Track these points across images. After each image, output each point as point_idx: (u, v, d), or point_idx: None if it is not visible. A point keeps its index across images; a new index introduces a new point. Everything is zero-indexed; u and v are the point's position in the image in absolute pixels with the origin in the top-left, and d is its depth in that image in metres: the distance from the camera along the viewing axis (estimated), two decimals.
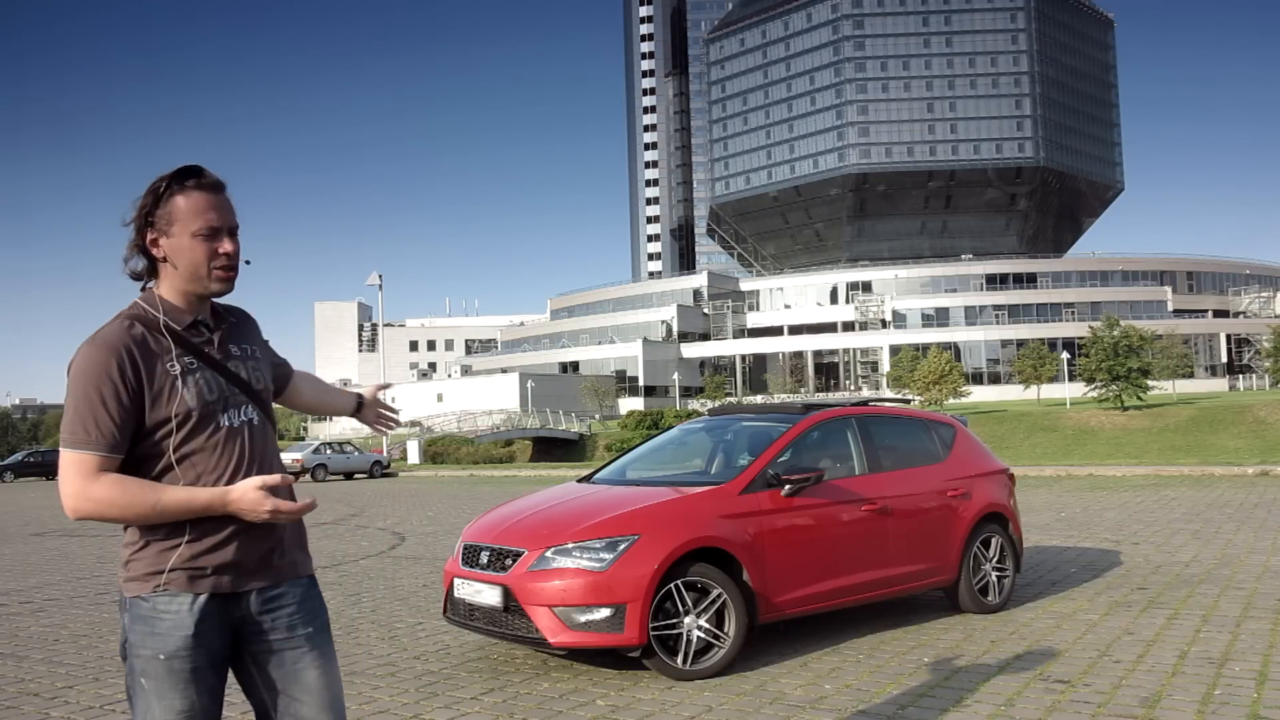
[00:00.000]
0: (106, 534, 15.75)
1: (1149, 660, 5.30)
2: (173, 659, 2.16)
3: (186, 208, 2.19)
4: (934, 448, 7.09)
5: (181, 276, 2.23)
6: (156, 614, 2.18)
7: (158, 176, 2.23)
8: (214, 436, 2.23)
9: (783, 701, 4.80)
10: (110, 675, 5.78)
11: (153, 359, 2.18)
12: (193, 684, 2.18)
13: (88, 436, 2.11)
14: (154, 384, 2.17)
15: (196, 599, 2.19)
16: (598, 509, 5.74)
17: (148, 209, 2.20)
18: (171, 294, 2.26)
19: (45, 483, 46.64)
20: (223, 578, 2.22)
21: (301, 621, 2.32)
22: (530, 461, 53.54)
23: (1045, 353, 68.56)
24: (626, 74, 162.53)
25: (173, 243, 2.20)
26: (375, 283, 46.59)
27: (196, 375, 2.22)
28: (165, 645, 2.17)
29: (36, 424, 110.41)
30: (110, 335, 2.18)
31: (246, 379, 2.31)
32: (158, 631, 2.17)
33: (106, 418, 2.12)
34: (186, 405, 2.19)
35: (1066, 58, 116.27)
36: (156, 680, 2.17)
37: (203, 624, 2.19)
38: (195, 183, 2.21)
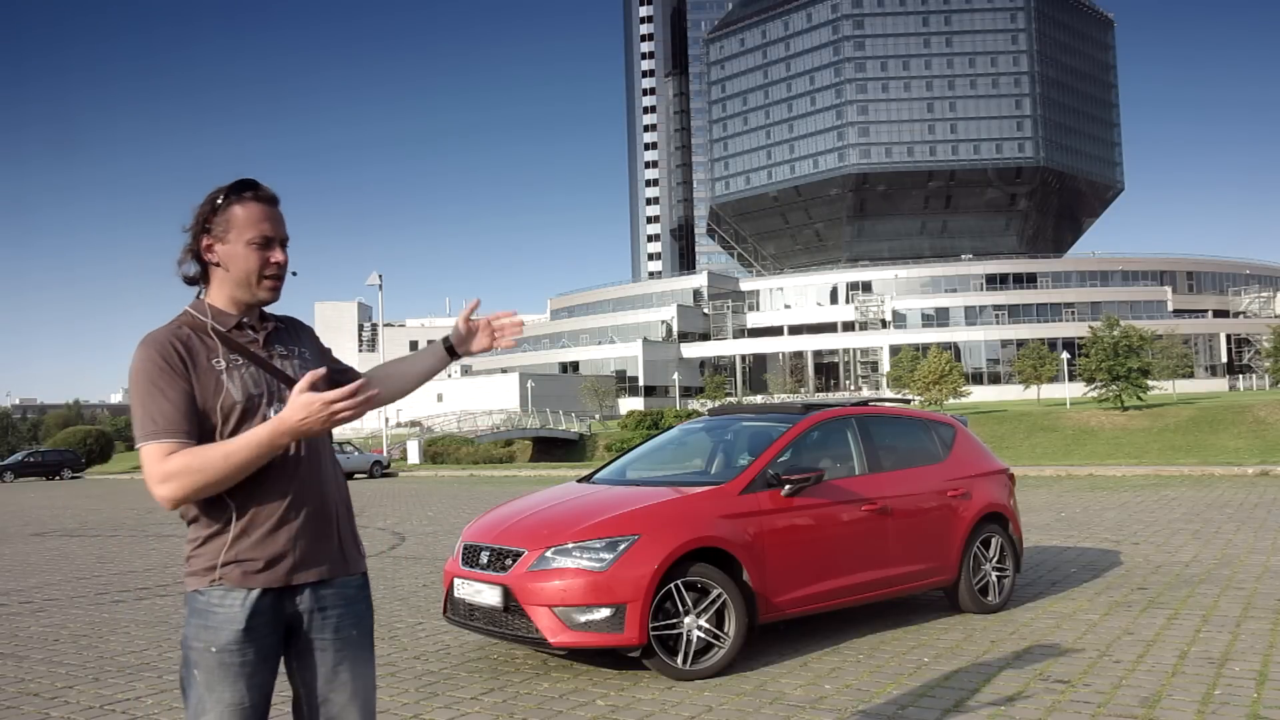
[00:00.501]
0: (107, 534, 15.76)
1: (1149, 660, 5.30)
2: (224, 652, 2.23)
3: (244, 217, 2.30)
4: (934, 448, 7.09)
5: (232, 282, 2.33)
6: (210, 608, 2.25)
7: (216, 187, 2.33)
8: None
9: (783, 701, 4.80)
10: (110, 675, 5.79)
11: (199, 355, 2.28)
12: (242, 678, 2.24)
13: (156, 427, 2.19)
14: (201, 378, 2.26)
15: (249, 594, 2.25)
16: (598, 509, 5.74)
17: (205, 216, 2.31)
18: (221, 299, 2.35)
19: (45, 483, 46.63)
20: (276, 570, 2.28)
21: (348, 623, 2.38)
22: (530, 461, 53.53)
23: (1045, 353, 68.55)
24: (626, 74, 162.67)
25: (228, 249, 2.31)
26: (375, 283, 46.61)
27: (241, 370, 2.30)
28: (217, 639, 2.23)
29: (36, 424, 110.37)
30: (159, 334, 2.28)
31: (292, 376, 2.37)
32: (210, 625, 2.24)
33: (169, 407, 2.20)
34: (232, 398, 2.26)
35: (1066, 58, 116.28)
36: (208, 673, 2.23)
37: (254, 619, 2.25)
38: (252, 195, 2.32)
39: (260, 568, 2.26)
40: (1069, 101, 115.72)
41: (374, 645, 2.46)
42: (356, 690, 2.36)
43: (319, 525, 2.34)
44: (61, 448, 59.54)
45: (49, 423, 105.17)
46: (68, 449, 58.44)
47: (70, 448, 60.04)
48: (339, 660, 2.35)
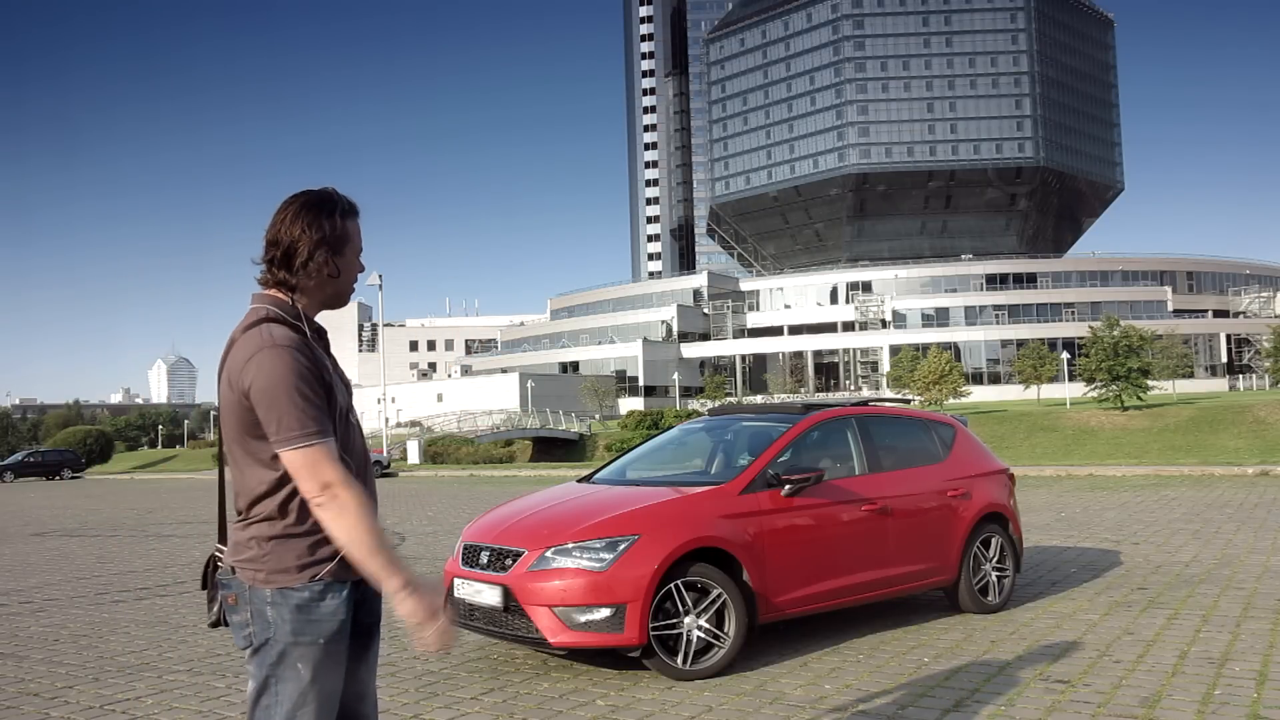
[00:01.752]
0: (107, 534, 15.75)
1: (1149, 660, 5.30)
2: (330, 643, 2.32)
3: (356, 235, 2.47)
4: (934, 448, 7.09)
5: (333, 294, 2.47)
6: (312, 602, 2.31)
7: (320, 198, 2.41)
8: (350, 433, 2.44)
9: (783, 701, 4.80)
10: (110, 675, 5.79)
11: (318, 359, 2.38)
12: (341, 665, 2.36)
13: (319, 428, 2.27)
14: (325, 380, 2.36)
15: (350, 586, 2.36)
16: (598, 509, 5.74)
17: (335, 229, 2.41)
18: (309, 305, 2.45)
19: (45, 483, 46.63)
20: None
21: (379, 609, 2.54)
22: (530, 461, 53.51)
23: (1045, 353, 68.51)
24: (626, 74, 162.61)
25: (344, 262, 2.44)
26: (375, 283, 46.58)
27: (339, 375, 2.46)
28: (324, 631, 2.31)
29: (36, 424, 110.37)
30: (288, 339, 2.33)
31: (348, 383, 2.52)
32: (314, 618, 2.31)
33: (320, 409, 2.30)
34: (340, 402, 2.40)
35: (1066, 58, 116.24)
36: (314, 666, 2.30)
37: (357, 608, 2.40)
38: (356, 213, 2.49)
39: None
40: (1069, 101, 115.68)
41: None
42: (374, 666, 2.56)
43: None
44: (61, 448, 59.56)
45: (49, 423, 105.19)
46: (68, 449, 58.45)
47: (70, 448, 60.06)
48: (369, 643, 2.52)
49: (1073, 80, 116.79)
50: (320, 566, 2.32)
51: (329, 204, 2.41)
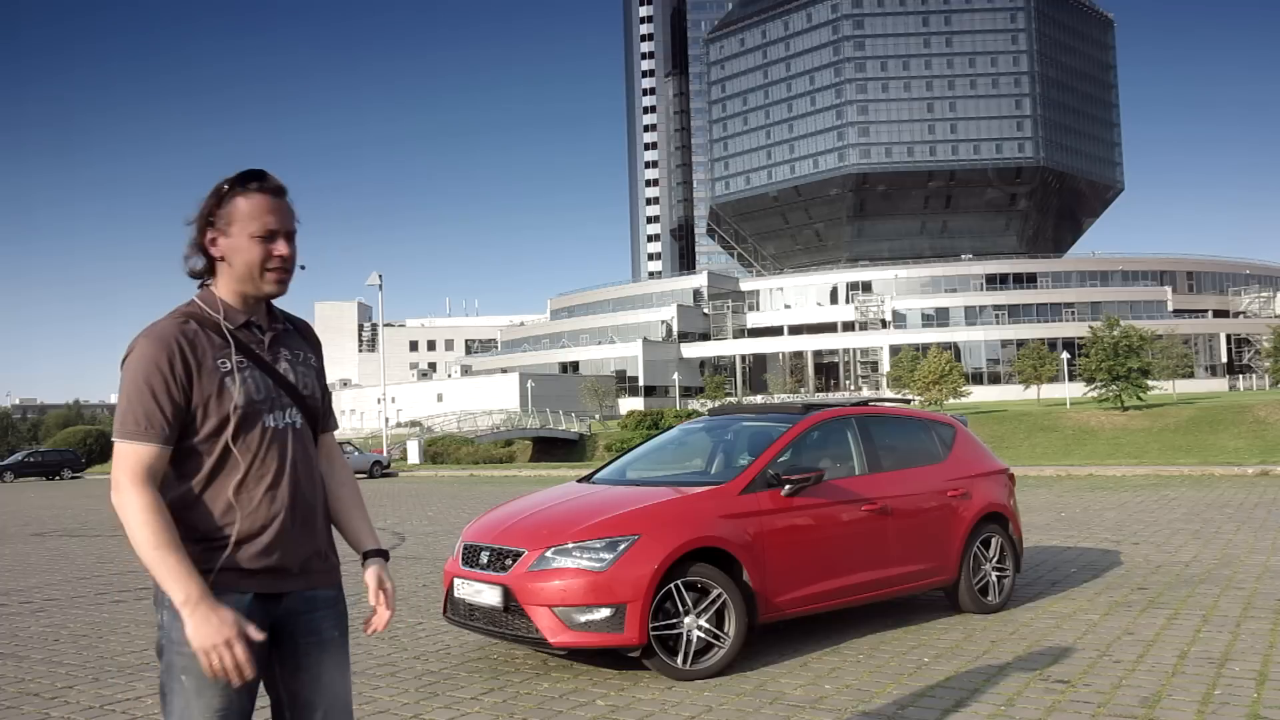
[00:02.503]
0: (107, 534, 15.75)
1: (1149, 660, 5.30)
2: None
3: (246, 209, 2.24)
4: (934, 448, 7.09)
5: (237, 277, 2.28)
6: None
7: (223, 178, 2.28)
8: (260, 435, 2.26)
9: (783, 701, 4.80)
10: (110, 675, 5.79)
11: (204, 355, 2.23)
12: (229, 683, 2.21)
13: (138, 428, 2.16)
14: (204, 379, 2.22)
15: (243, 597, 2.22)
16: (598, 509, 5.74)
17: (210, 209, 2.26)
18: (228, 294, 2.30)
19: (45, 483, 46.64)
20: (268, 579, 2.26)
21: (329, 625, 2.37)
22: (530, 461, 53.53)
23: (1045, 353, 68.54)
24: (626, 74, 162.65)
25: (231, 242, 2.25)
26: (375, 283, 46.60)
27: (246, 374, 2.26)
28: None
29: (36, 424, 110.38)
30: (163, 329, 2.22)
31: (294, 382, 2.34)
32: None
33: (157, 410, 2.17)
34: (235, 402, 2.23)
35: (1066, 58, 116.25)
36: (198, 678, 2.16)
37: (264, 619, 2.25)
38: (257, 185, 2.25)
39: (254, 574, 2.23)
40: (1069, 101, 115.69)
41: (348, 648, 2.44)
42: (338, 693, 2.34)
43: (309, 534, 2.33)
44: (61, 448, 59.57)
45: (49, 423, 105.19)
46: (68, 449, 58.45)
47: (70, 448, 60.05)
48: (321, 663, 2.32)
49: (1073, 80, 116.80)
50: (212, 575, 2.19)
51: (218, 183, 2.26)
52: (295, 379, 2.35)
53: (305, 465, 2.34)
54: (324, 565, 2.38)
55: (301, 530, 2.31)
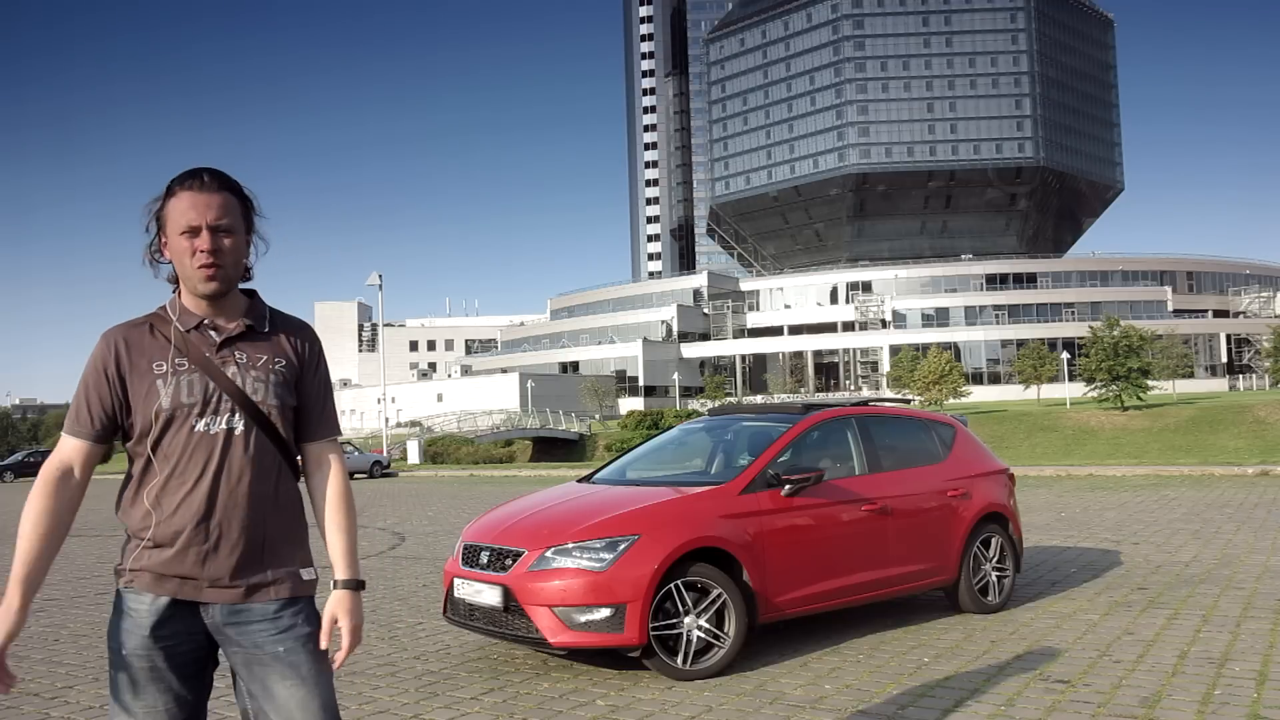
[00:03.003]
0: (107, 534, 15.75)
1: (1149, 660, 5.30)
2: (132, 655, 2.20)
3: (175, 209, 2.23)
4: (934, 448, 7.08)
5: (180, 277, 2.28)
6: (126, 610, 2.23)
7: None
8: (187, 439, 2.22)
9: (783, 701, 4.80)
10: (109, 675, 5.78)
11: (141, 356, 2.25)
12: (153, 683, 2.20)
13: (69, 421, 2.27)
14: (135, 381, 2.24)
15: (156, 600, 2.21)
16: (598, 509, 5.74)
17: (156, 213, 2.28)
18: (186, 296, 2.31)
19: None
20: (184, 585, 2.22)
21: (269, 639, 2.25)
22: (530, 461, 53.53)
23: (1045, 353, 68.56)
24: (626, 74, 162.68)
25: (170, 243, 2.26)
26: (375, 283, 46.59)
27: (182, 377, 2.23)
28: (127, 641, 2.21)
29: (36, 424, 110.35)
30: (111, 332, 2.30)
31: (239, 386, 2.26)
32: (124, 626, 2.22)
33: (85, 408, 2.25)
34: (159, 404, 2.22)
35: (1066, 58, 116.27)
36: (119, 672, 2.21)
37: (162, 626, 2.20)
38: (189, 184, 2.23)
39: (170, 578, 2.21)
40: (1069, 101, 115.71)
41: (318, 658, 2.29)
42: (294, 703, 2.23)
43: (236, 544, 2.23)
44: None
45: (49, 423, 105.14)
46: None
47: None
48: (267, 677, 2.24)
49: (1073, 80, 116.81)
50: (129, 574, 2.23)
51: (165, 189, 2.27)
52: (243, 382, 2.26)
53: (238, 473, 2.24)
54: (262, 579, 2.26)
55: (222, 541, 2.22)
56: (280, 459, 2.32)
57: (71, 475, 2.24)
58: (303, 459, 2.43)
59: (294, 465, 2.38)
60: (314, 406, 2.41)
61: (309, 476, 2.45)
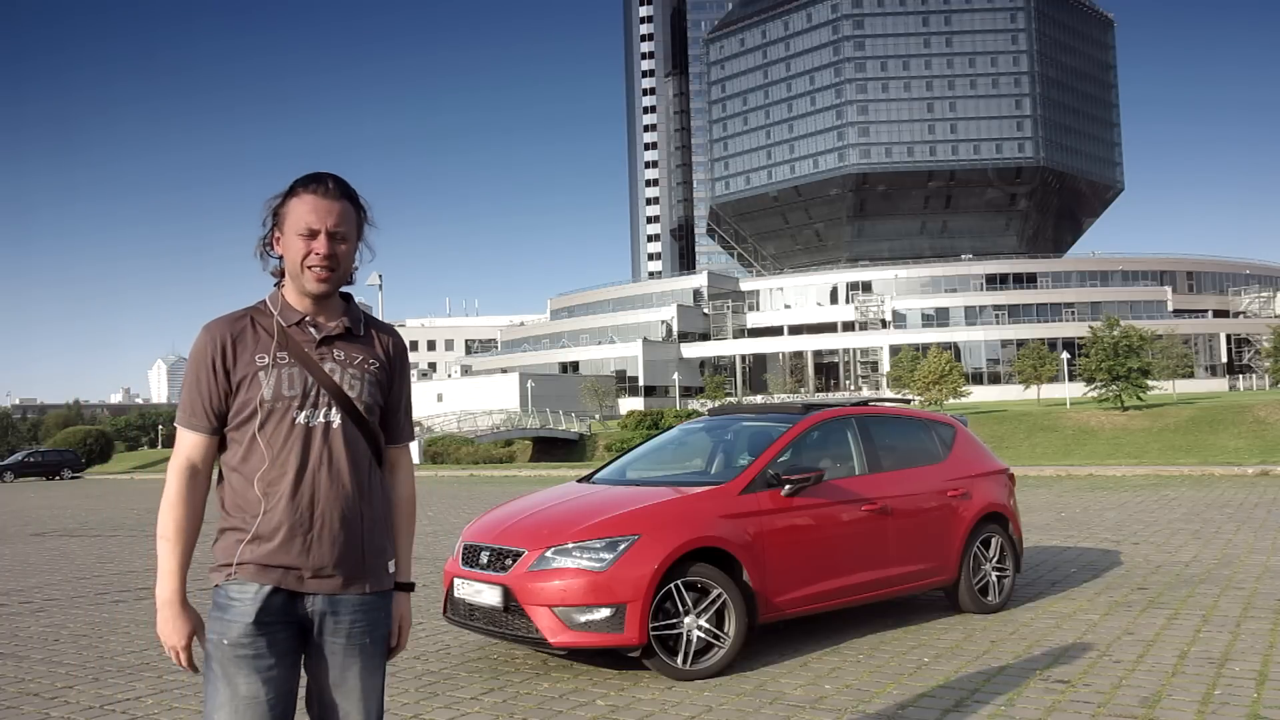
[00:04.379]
0: (107, 534, 15.76)
1: (1149, 660, 5.30)
2: (236, 645, 2.26)
3: (296, 209, 2.34)
4: (934, 448, 7.09)
5: (290, 274, 2.38)
6: (228, 601, 2.29)
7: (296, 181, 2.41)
8: (289, 431, 2.32)
9: (783, 701, 4.79)
10: (110, 675, 5.79)
11: (245, 349, 2.34)
12: (255, 671, 2.26)
13: (184, 416, 2.34)
14: (240, 372, 2.32)
15: (261, 589, 2.28)
16: (598, 509, 5.74)
17: (275, 209, 2.38)
18: (290, 292, 2.40)
19: (45, 483, 46.62)
20: (288, 575, 2.30)
21: (360, 630, 2.37)
22: (530, 461, 53.51)
23: (1045, 353, 68.51)
24: (626, 74, 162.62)
25: (284, 241, 2.37)
26: (375, 283, 46.56)
27: (283, 370, 2.33)
28: (229, 631, 2.27)
29: (36, 424, 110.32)
30: (215, 324, 2.37)
31: (337, 382, 2.36)
32: (226, 618, 2.28)
33: (199, 400, 2.33)
34: (262, 395, 2.31)
35: (1066, 58, 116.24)
36: (223, 665, 2.26)
37: (265, 614, 2.27)
38: (313, 187, 2.34)
39: (274, 569, 2.29)
40: (1069, 101, 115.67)
41: (385, 655, 2.44)
42: (363, 695, 2.36)
43: (334, 536, 2.33)
44: (61, 448, 59.56)
45: (49, 423, 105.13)
46: (68, 449, 58.45)
47: (70, 448, 60.05)
48: (348, 665, 2.35)
49: (1073, 80, 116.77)
50: (234, 566, 2.29)
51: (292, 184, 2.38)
52: (340, 379, 2.37)
53: (337, 465, 2.34)
54: (358, 570, 2.37)
55: (324, 531, 2.32)
56: (371, 454, 2.43)
57: (198, 470, 2.35)
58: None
59: (382, 461, 2.49)
60: (398, 409, 2.53)
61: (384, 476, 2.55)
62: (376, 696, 2.39)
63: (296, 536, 2.29)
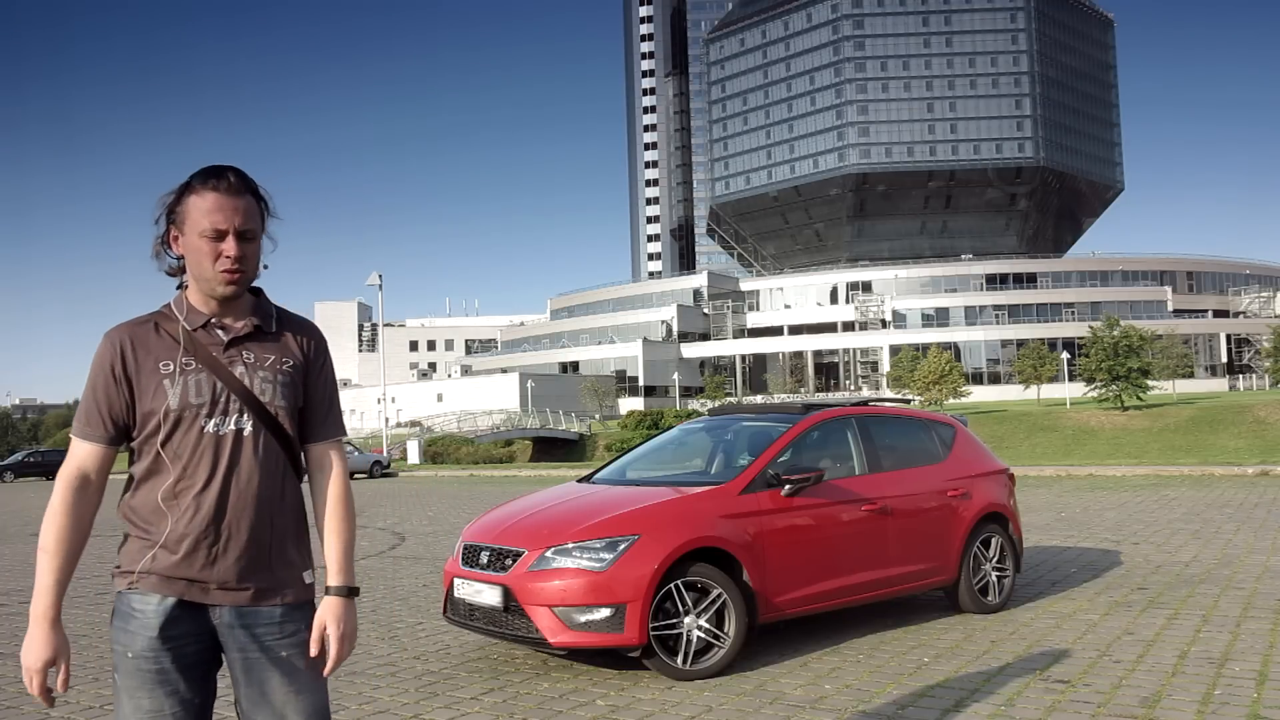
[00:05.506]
0: (107, 534, 15.75)
1: (1149, 660, 5.30)
2: (140, 658, 2.16)
3: (198, 207, 2.18)
4: (934, 448, 7.08)
5: (194, 276, 2.23)
6: (130, 611, 2.18)
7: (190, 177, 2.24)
8: (197, 440, 2.19)
9: (783, 701, 4.79)
10: (110, 675, 5.77)
11: (148, 355, 2.21)
12: (160, 685, 2.15)
13: (79, 425, 2.23)
14: (143, 380, 2.20)
15: (164, 600, 2.17)
16: (598, 509, 5.74)
17: (170, 207, 2.23)
18: (193, 294, 2.27)
19: (45, 483, 46.62)
20: (192, 587, 2.19)
21: (273, 642, 2.24)
22: (530, 461, 53.53)
23: (1045, 353, 68.55)
24: (626, 74, 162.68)
25: (186, 241, 2.21)
26: (375, 283, 46.60)
27: (189, 376, 2.20)
28: (133, 643, 2.16)
29: (36, 424, 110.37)
30: (116, 331, 2.25)
31: (247, 386, 2.23)
32: (129, 629, 2.17)
33: (95, 409, 2.22)
34: (167, 404, 2.18)
35: (1066, 57, 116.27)
36: (126, 677, 2.17)
37: (170, 627, 2.17)
38: (213, 184, 2.19)
39: (178, 580, 2.18)
40: (1069, 101, 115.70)
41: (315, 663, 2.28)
42: (291, 711, 2.22)
43: (244, 547, 2.21)
44: (61, 448, 59.50)
45: (49, 423, 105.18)
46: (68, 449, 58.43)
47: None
48: (266, 680, 2.22)
49: (1073, 80, 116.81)
50: (136, 575, 2.18)
51: (187, 179, 2.22)
52: (250, 383, 2.23)
53: (247, 475, 2.22)
54: (268, 582, 2.25)
55: (230, 543, 2.20)
56: (286, 460, 2.30)
57: (89, 481, 2.22)
58: (306, 459, 2.39)
59: (298, 466, 2.35)
60: (319, 407, 2.38)
61: (311, 477, 2.40)
62: (307, 712, 2.24)
63: (201, 549, 2.17)
